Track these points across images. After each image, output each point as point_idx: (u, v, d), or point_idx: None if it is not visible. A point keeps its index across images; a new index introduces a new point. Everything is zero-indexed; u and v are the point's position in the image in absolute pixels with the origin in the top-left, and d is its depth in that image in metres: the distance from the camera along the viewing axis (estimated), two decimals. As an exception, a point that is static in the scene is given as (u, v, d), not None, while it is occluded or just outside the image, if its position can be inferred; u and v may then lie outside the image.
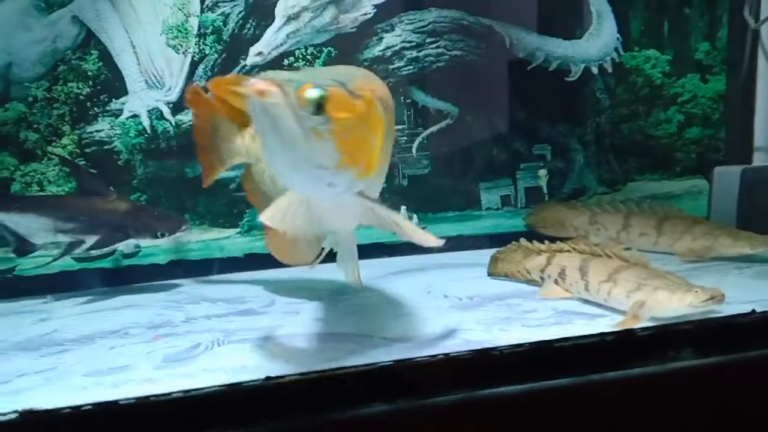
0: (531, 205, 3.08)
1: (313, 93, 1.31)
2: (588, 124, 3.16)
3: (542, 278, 2.20)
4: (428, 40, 2.95)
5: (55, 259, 2.49)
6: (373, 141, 1.45)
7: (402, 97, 3.01)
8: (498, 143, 3.09)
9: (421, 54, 2.96)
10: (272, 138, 1.33)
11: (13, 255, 2.52)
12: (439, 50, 2.97)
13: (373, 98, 1.45)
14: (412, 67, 2.97)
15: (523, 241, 2.39)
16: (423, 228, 2.95)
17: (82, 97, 2.67)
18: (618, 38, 3.12)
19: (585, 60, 3.08)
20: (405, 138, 3.04)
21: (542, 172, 3.13)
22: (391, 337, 1.78)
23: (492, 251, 2.48)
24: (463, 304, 2.09)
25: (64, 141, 2.66)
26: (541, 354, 1.42)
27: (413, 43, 2.95)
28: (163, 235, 2.47)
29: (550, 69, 3.04)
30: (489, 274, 2.44)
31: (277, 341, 1.83)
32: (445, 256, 2.87)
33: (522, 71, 3.02)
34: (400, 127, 3.03)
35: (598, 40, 3.10)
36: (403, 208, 2.99)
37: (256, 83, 1.27)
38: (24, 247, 2.47)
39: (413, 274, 2.57)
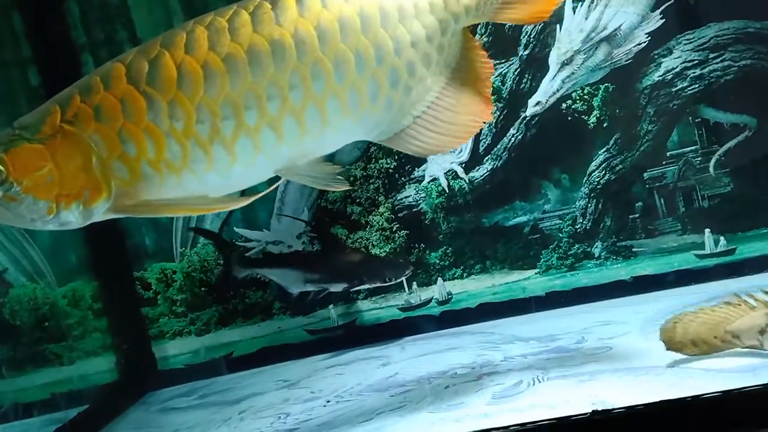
0: None
1: None
2: None
3: (761, 342, 1.73)
4: (711, 55, 2.84)
5: (311, 303, 2.89)
6: (90, 164, 1.40)
7: (690, 117, 2.91)
8: (813, 146, 2.81)
9: (706, 71, 2.85)
10: None
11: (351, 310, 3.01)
12: (726, 63, 2.83)
13: (76, 122, 1.40)
14: (697, 85, 2.87)
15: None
16: (733, 249, 2.82)
17: (390, 170, 3.09)
18: None
19: None
20: (699, 158, 2.93)
21: None
22: (714, 368, 1.76)
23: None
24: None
25: (381, 209, 3.10)
26: None
27: (695, 62, 2.86)
28: (390, 280, 2.75)
29: None
30: (666, 347, 1.85)
31: (595, 376, 1.91)
32: (760, 277, 2.67)
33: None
34: (692, 147, 2.93)
35: None
36: (707, 230, 2.87)
37: None
38: (283, 296, 2.93)
39: (728, 301, 2.45)
